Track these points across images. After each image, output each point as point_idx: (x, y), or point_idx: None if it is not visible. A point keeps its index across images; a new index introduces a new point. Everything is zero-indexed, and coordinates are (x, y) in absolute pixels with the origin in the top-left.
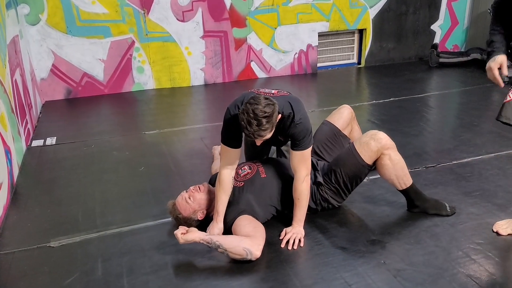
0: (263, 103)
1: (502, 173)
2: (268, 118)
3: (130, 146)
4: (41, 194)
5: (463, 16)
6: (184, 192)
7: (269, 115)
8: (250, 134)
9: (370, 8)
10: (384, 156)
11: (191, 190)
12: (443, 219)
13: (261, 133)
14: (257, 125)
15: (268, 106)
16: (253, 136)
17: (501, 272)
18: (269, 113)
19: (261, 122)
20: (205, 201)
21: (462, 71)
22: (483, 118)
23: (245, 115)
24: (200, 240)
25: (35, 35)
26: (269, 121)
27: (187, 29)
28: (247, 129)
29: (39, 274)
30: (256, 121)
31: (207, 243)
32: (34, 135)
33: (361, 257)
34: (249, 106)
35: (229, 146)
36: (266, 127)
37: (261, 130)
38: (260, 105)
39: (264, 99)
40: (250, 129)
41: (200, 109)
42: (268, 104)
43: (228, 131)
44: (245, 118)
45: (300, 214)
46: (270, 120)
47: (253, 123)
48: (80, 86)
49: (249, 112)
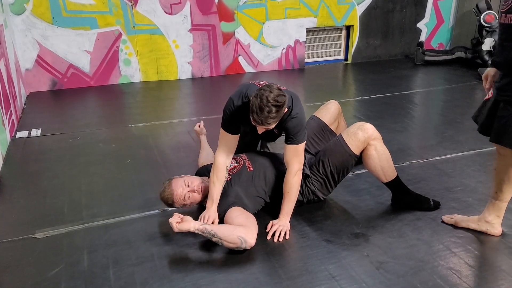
0: (276, 92)
1: (483, 170)
2: (278, 108)
3: (116, 139)
4: (26, 185)
5: (448, 15)
6: (184, 184)
7: (280, 105)
8: (258, 119)
9: (358, 5)
10: (370, 147)
11: (193, 189)
12: (425, 214)
13: (269, 120)
14: (267, 111)
15: (281, 97)
16: (260, 122)
17: (480, 265)
18: (281, 103)
19: (271, 110)
20: (199, 199)
21: (447, 69)
22: (466, 116)
23: (257, 100)
24: (195, 230)
25: (20, 25)
26: (278, 110)
27: (175, 22)
28: (257, 114)
29: (24, 265)
30: (267, 107)
31: (201, 233)
32: (19, 126)
33: (345, 250)
34: (262, 92)
35: (228, 132)
36: (274, 116)
37: (270, 118)
38: (273, 93)
39: (277, 89)
40: (260, 115)
41: (187, 102)
42: (281, 95)
43: (228, 119)
44: (257, 103)
45: (288, 208)
46: (280, 110)
47: (265, 109)
48: (65, 78)
49: (262, 98)
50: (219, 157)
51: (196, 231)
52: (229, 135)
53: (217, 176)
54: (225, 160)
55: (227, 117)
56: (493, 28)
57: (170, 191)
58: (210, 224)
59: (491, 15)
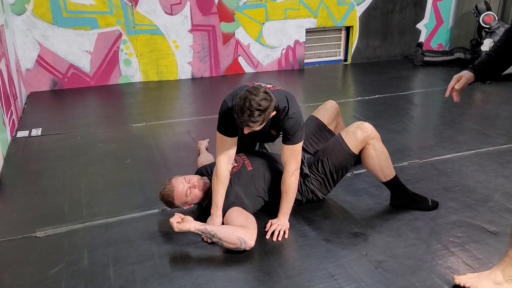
0: (261, 96)
1: (481, 170)
2: (261, 112)
3: (116, 138)
4: (26, 185)
5: (448, 16)
6: (184, 180)
7: (262, 109)
8: (239, 121)
9: (357, 6)
10: (369, 146)
11: (193, 185)
12: (424, 213)
13: (250, 124)
14: (248, 115)
15: (265, 100)
16: (242, 124)
17: (478, 264)
18: (263, 107)
19: (253, 113)
20: (200, 197)
21: (446, 69)
22: (465, 116)
23: (240, 101)
24: (195, 230)
25: (21, 25)
26: (261, 114)
27: (175, 22)
28: (238, 115)
29: (24, 264)
30: (248, 111)
31: (201, 233)
32: (19, 126)
33: (344, 249)
34: (247, 94)
35: (225, 135)
36: (256, 120)
37: (251, 121)
38: (258, 97)
39: (263, 92)
40: (241, 117)
41: (187, 102)
42: (265, 99)
43: (224, 122)
44: (239, 105)
45: (287, 207)
46: (262, 114)
47: (246, 112)
48: (66, 78)
49: (245, 101)
50: (220, 164)
51: (196, 231)
52: (226, 138)
53: (221, 182)
54: (227, 166)
55: (222, 120)
56: (492, 29)
57: (170, 187)
58: (210, 225)
59: (490, 16)
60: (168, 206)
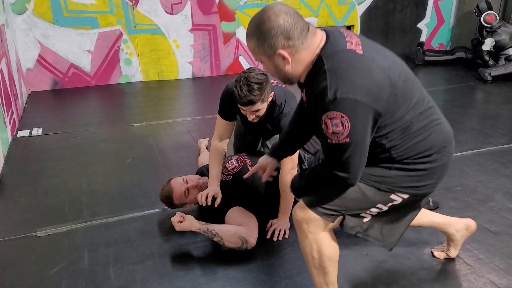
0: (257, 71)
1: (482, 169)
2: (260, 85)
3: (117, 138)
4: (27, 184)
5: (449, 15)
6: (183, 181)
7: (260, 82)
8: (240, 99)
9: (358, 5)
10: None
11: (192, 185)
12: None
13: (251, 97)
14: (248, 90)
15: (261, 75)
16: (244, 102)
17: (479, 264)
18: (261, 80)
19: (252, 87)
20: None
21: (447, 69)
22: (466, 116)
23: (239, 78)
24: (197, 230)
25: (21, 24)
26: (260, 88)
27: (176, 22)
28: (238, 93)
29: (25, 263)
30: (247, 86)
31: (203, 233)
32: (20, 126)
33: (344, 249)
34: (243, 74)
35: (224, 118)
36: (256, 94)
37: (252, 95)
38: (254, 73)
39: (258, 70)
40: (241, 93)
41: (188, 102)
42: (262, 73)
43: (224, 105)
44: (238, 84)
45: (286, 207)
46: (262, 88)
47: (244, 87)
48: (66, 77)
49: (242, 78)
50: (215, 141)
51: (198, 231)
52: (224, 121)
53: (216, 157)
54: (221, 144)
55: (222, 104)
56: (493, 28)
57: (169, 189)
58: (212, 224)
59: (492, 15)
60: (168, 207)
